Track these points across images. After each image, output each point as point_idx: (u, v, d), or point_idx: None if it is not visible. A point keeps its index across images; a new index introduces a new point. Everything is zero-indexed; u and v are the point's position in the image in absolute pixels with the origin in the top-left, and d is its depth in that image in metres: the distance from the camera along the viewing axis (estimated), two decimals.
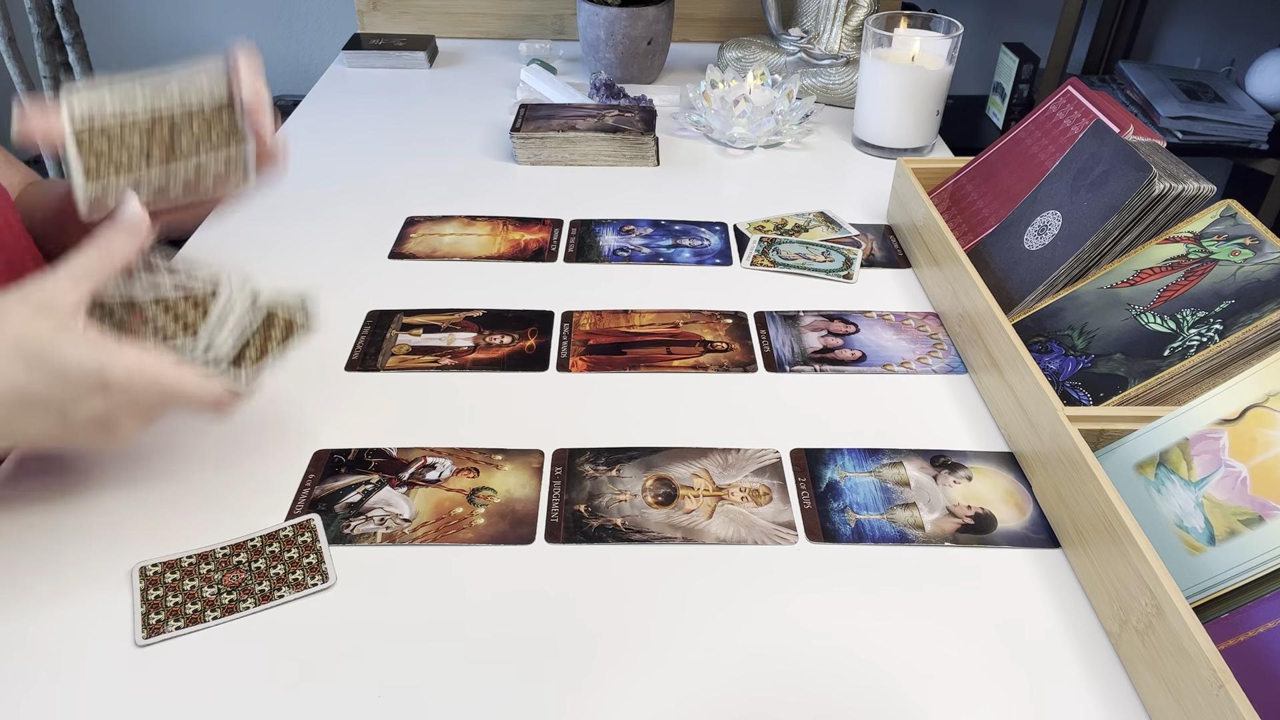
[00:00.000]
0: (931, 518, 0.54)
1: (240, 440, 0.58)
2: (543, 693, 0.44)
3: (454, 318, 0.70)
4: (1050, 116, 0.75)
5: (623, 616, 0.48)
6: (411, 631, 0.46)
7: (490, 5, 1.24)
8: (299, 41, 2.00)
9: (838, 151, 0.99)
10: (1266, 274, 0.55)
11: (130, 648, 0.45)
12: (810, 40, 1.08)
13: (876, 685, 0.45)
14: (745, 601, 0.49)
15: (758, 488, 0.55)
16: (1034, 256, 0.66)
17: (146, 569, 0.49)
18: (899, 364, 0.66)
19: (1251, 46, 1.90)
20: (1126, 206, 0.61)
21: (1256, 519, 0.44)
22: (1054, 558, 0.52)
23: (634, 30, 1.07)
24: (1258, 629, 0.42)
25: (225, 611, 0.47)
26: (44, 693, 0.43)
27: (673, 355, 0.67)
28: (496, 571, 0.50)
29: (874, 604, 0.49)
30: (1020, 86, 1.79)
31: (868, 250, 0.80)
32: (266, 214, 0.82)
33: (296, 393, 0.62)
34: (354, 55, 1.16)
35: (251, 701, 0.43)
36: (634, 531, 0.52)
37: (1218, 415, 0.48)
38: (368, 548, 0.51)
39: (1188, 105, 1.73)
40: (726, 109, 0.96)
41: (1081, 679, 0.45)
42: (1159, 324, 0.57)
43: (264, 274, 0.73)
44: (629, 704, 0.43)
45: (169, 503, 0.53)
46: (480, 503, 0.54)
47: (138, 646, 0.45)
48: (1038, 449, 0.55)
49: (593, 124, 0.94)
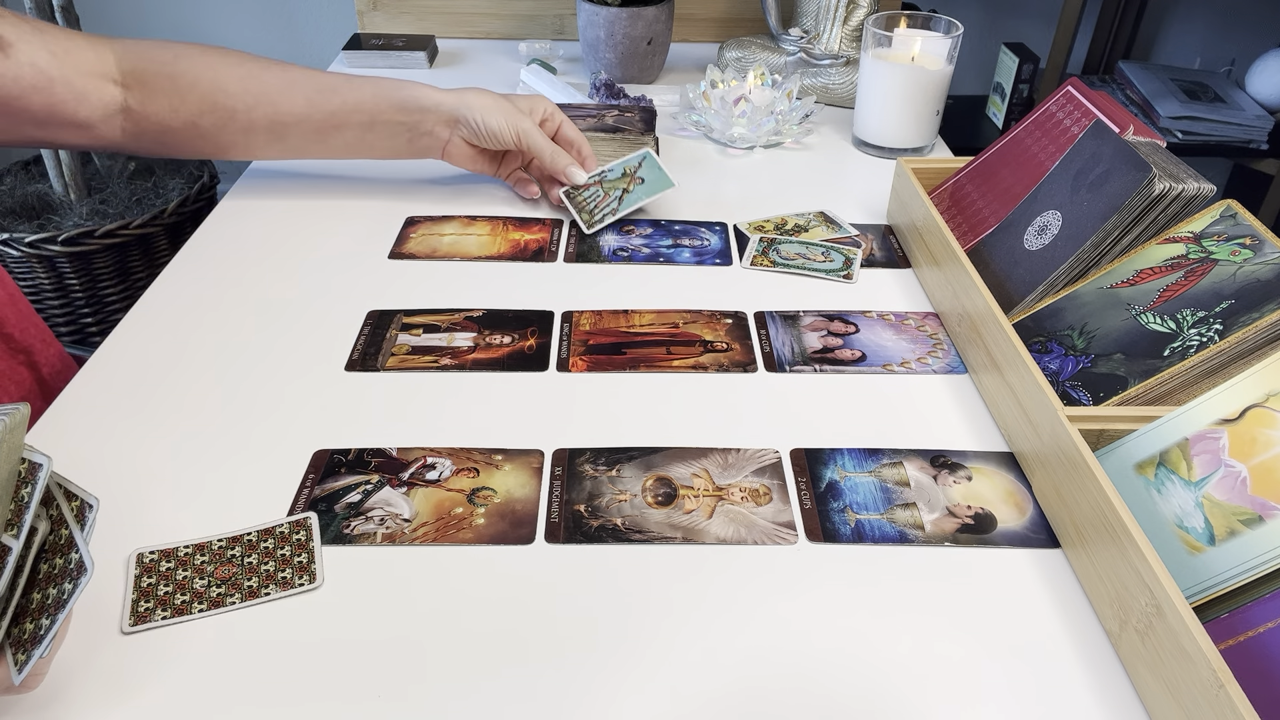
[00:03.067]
0: (931, 518, 0.54)
1: (240, 440, 0.58)
2: (543, 693, 0.44)
3: (454, 318, 0.70)
4: (1050, 116, 0.75)
5: (622, 616, 0.48)
6: (411, 631, 0.46)
7: (490, 5, 1.24)
8: (299, 41, 2.00)
9: (838, 151, 0.99)
10: (1266, 274, 0.55)
11: (116, 635, 0.46)
12: (810, 40, 1.08)
13: (876, 685, 0.45)
14: (745, 601, 0.49)
15: (758, 488, 0.55)
16: (1034, 256, 0.66)
17: (144, 555, 0.49)
18: (899, 364, 0.66)
19: (1251, 46, 1.90)
20: (1126, 206, 0.61)
21: (1256, 519, 0.44)
22: (1054, 558, 0.52)
23: (634, 30, 1.07)
24: (1258, 629, 0.42)
25: (212, 605, 0.47)
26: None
27: (673, 355, 0.67)
28: (496, 572, 0.50)
29: (874, 604, 0.49)
30: (1020, 86, 1.79)
31: (868, 250, 0.80)
32: (267, 214, 0.82)
33: (296, 393, 0.62)
34: (354, 55, 1.16)
35: (251, 702, 0.43)
36: (634, 531, 0.52)
37: (1218, 415, 0.48)
38: (368, 548, 0.51)
39: (1188, 105, 1.73)
40: (726, 109, 0.96)
41: (1081, 679, 0.45)
42: (1159, 324, 0.57)
43: (264, 274, 0.74)
44: (629, 703, 0.43)
45: (168, 501, 0.53)
46: (480, 503, 0.54)
47: (123, 634, 0.46)
48: (1038, 449, 0.55)
49: (593, 124, 0.94)
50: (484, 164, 0.84)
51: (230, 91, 0.74)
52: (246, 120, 0.75)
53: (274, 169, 0.89)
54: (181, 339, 0.66)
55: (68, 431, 0.58)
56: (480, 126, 0.79)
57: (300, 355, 0.65)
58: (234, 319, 0.69)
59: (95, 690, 0.43)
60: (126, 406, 0.60)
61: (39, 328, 0.70)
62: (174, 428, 0.58)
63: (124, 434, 0.58)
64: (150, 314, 0.69)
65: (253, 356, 0.65)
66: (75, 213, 1.58)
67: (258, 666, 0.45)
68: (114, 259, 1.59)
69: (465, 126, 0.79)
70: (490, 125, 0.78)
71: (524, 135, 0.79)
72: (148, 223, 1.57)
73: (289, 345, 0.66)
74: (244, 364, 0.64)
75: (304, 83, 0.76)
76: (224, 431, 0.58)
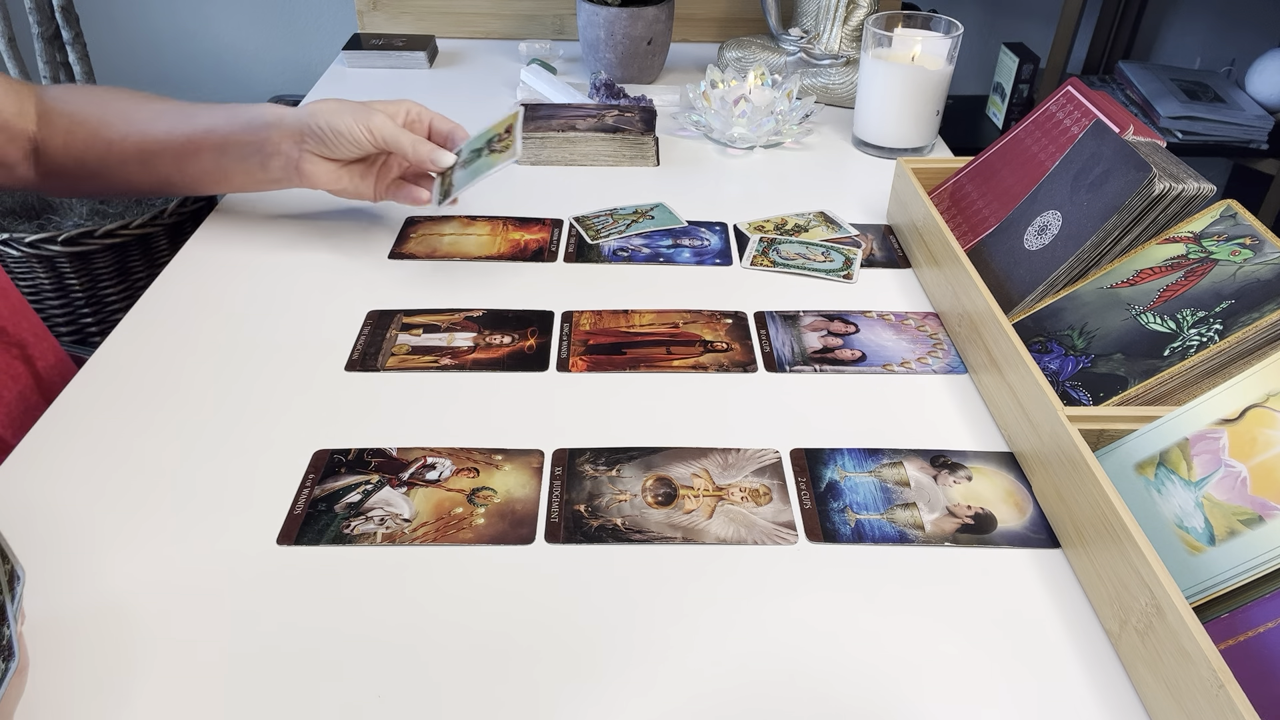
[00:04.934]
0: (931, 518, 0.54)
1: (240, 440, 0.58)
2: (543, 693, 0.44)
3: (454, 318, 0.70)
4: (1050, 116, 0.75)
5: (622, 616, 0.48)
6: (411, 632, 0.46)
7: (490, 5, 1.24)
8: (299, 41, 2.00)
9: (838, 151, 0.99)
10: (1266, 274, 0.55)
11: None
12: (810, 40, 1.08)
13: (876, 685, 0.45)
14: (745, 601, 0.49)
15: (758, 488, 0.55)
16: (1034, 256, 0.66)
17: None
18: (899, 364, 0.66)
19: (1251, 46, 1.90)
20: (1126, 206, 0.61)
21: (1256, 519, 0.44)
22: (1054, 558, 0.52)
23: (634, 30, 1.07)
24: (1258, 629, 0.42)
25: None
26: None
27: (673, 355, 0.67)
28: (496, 571, 0.50)
29: (874, 604, 0.49)
30: (1020, 86, 1.79)
31: (868, 250, 0.80)
32: (267, 214, 0.82)
33: (296, 393, 0.62)
34: (354, 55, 1.16)
35: (251, 702, 0.43)
36: (634, 531, 0.52)
37: (1218, 415, 0.48)
38: (368, 548, 0.51)
39: (1188, 105, 1.73)
40: (726, 109, 0.96)
41: (1081, 679, 0.45)
42: (1159, 324, 0.57)
43: (264, 274, 0.74)
44: (629, 703, 0.43)
45: (167, 500, 0.53)
46: (480, 503, 0.54)
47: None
48: (1038, 449, 0.55)
49: (593, 124, 0.94)
50: (348, 180, 0.75)
51: (109, 123, 0.72)
52: (120, 151, 0.72)
53: None
54: (181, 339, 0.66)
55: (67, 431, 0.58)
56: (326, 130, 0.71)
57: (300, 355, 0.65)
58: (234, 319, 0.69)
59: (80, 693, 0.43)
60: (126, 406, 0.60)
61: (32, 322, 0.70)
62: (174, 428, 0.58)
63: (124, 434, 0.58)
64: (150, 314, 0.69)
65: (253, 356, 0.65)
66: (75, 213, 1.58)
67: (258, 666, 0.45)
68: (114, 259, 1.59)
69: (311, 138, 0.71)
70: (337, 127, 0.70)
71: (376, 130, 0.71)
72: (148, 223, 1.57)
73: (289, 345, 0.66)
74: (244, 364, 0.64)
75: (173, 111, 0.73)
76: (224, 431, 0.58)
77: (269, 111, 0.72)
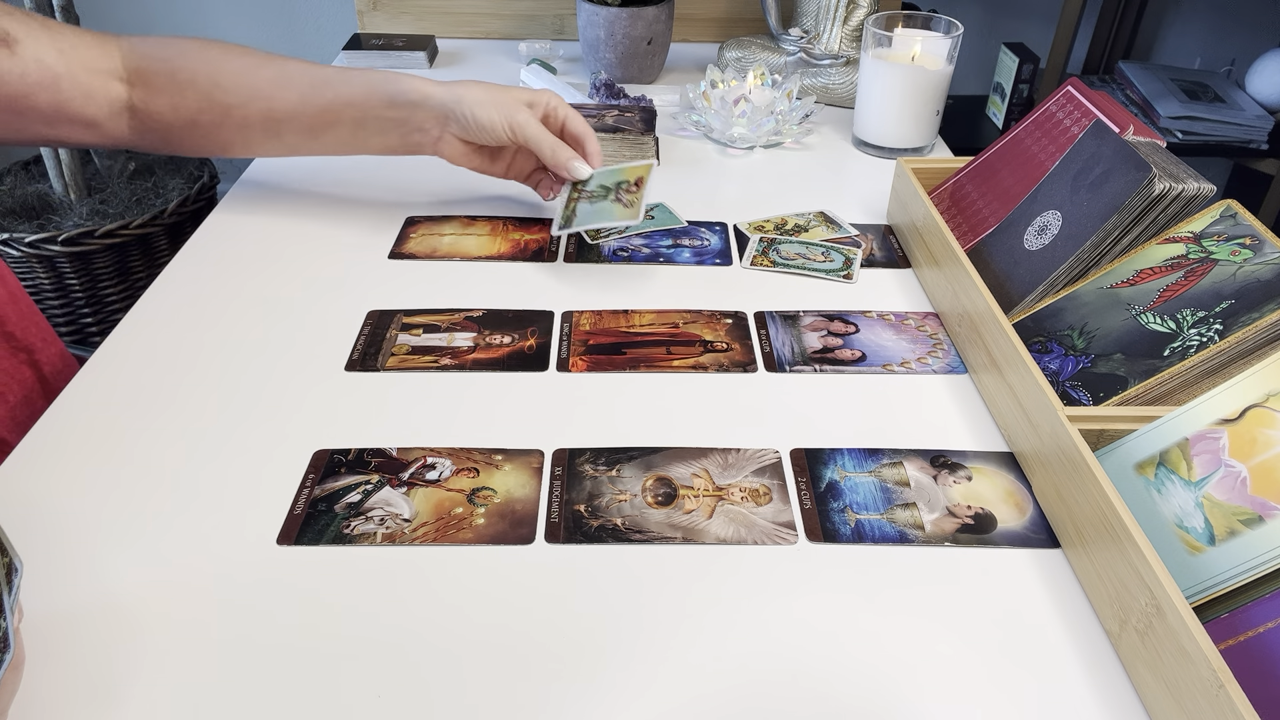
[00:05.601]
0: (931, 518, 0.54)
1: (240, 439, 0.58)
2: (543, 693, 0.44)
3: (454, 318, 0.70)
4: (1050, 116, 0.75)
5: (622, 616, 0.48)
6: (411, 632, 0.46)
7: (490, 5, 1.24)
8: (299, 41, 2.00)
9: (838, 151, 0.99)
10: (1266, 274, 0.55)
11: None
12: (810, 40, 1.08)
13: (876, 685, 0.45)
14: (745, 601, 0.49)
15: (758, 488, 0.55)
16: (1034, 256, 0.66)
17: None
18: (899, 364, 0.66)
19: (1251, 46, 1.90)
20: (1126, 206, 0.61)
21: (1256, 519, 0.44)
22: (1054, 558, 0.52)
23: (634, 30, 1.07)
24: (1258, 629, 0.42)
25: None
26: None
27: (673, 355, 0.67)
28: (496, 571, 0.50)
29: (874, 604, 0.49)
30: (1020, 86, 1.79)
31: (868, 250, 0.80)
32: (267, 214, 0.82)
33: (296, 393, 0.62)
34: (354, 55, 1.16)
35: (251, 703, 0.43)
36: (634, 531, 0.52)
37: (1218, 415, 0.48)
38: (368, 548, 0.51)
39: (1188, 105, 1.73)
40: (726, 109, 0.96)
41: (1081, 679, 0.45)
42: (1159, 324, 0.57)
43: (264, 273, 0.74)
44: (629, 703, 0.43)
45: (166, 499, 0.53)
46: (480, 503, 0.54)
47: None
48: (1038, 449, 0.55)
49: (593, 124, 0.94)
50: (482, 161, 0.79)
51: (226, 88, 0.73)
52: (241, 117, 0.74)
53: (274, 169, 0.89)
54: (181, 339, 0.66)
55: (68, 431, 0.58)
56: (470, 121, 0.74)
57: (300, 355, 0.65)
58: (234, 319, 0.69)
59: (80, 694, 0.43)
60: (126, 406, 0.60)
61: (40, 326, 0.70)
62: (174, 427, 0.58)
63: (124, 434, 0.58)
64: (150, 314, 0.69)
65: (253, 356, 0.65)
66: (75, 213, 1.58)
67: (257, 666, 0.45)
68: (114, 259, 1.59)
69: (455, 122, 0.74)
70: (481, 119, 0.73)
71: (519, 129, 0.74)
72: (148, 223, 1.57)
73: (289, 345, 0.66)
74: (244, 364, 0.64)
75: (298, 78, 0.74)
76: (224, 431, 0.58)
77: (413, 89, 0.74)
